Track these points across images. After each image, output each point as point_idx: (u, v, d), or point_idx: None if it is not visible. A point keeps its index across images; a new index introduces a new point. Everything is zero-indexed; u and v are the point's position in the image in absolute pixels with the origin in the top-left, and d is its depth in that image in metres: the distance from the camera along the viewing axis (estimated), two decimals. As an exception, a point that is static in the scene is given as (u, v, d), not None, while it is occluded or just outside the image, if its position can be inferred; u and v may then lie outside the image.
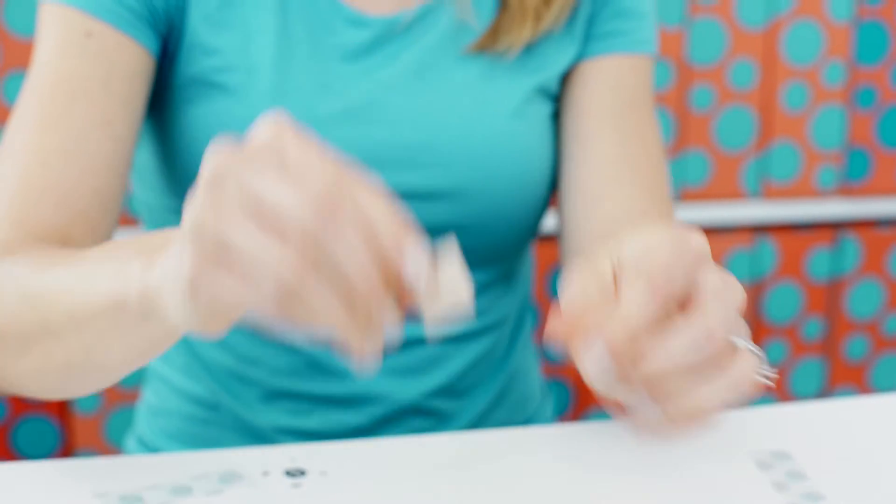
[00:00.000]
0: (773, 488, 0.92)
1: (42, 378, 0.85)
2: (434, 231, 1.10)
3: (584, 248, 1.12)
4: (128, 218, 1.74)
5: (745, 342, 0.72)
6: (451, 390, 1.19)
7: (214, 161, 0.66)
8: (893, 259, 2.26)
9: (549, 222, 1.26)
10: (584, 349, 0.72)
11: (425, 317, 0.66)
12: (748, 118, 2.12)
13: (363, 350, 0.66)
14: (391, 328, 0.67)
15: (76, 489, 0.86)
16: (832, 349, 2.27)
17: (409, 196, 1.09)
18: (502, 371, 1.24)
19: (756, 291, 2.20)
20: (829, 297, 2.25)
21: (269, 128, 0.68)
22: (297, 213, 0.63)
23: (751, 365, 0.73)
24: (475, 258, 1.15)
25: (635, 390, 0.71)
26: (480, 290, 1.18)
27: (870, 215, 2.23)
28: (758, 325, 2.21)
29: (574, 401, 2.15)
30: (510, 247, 1.18)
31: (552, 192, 1.17)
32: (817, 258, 2.21)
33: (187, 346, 1.19)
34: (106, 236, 1.00)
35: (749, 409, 1.23)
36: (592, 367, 0.72)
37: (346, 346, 0.66)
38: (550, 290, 2.08)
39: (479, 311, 1.19)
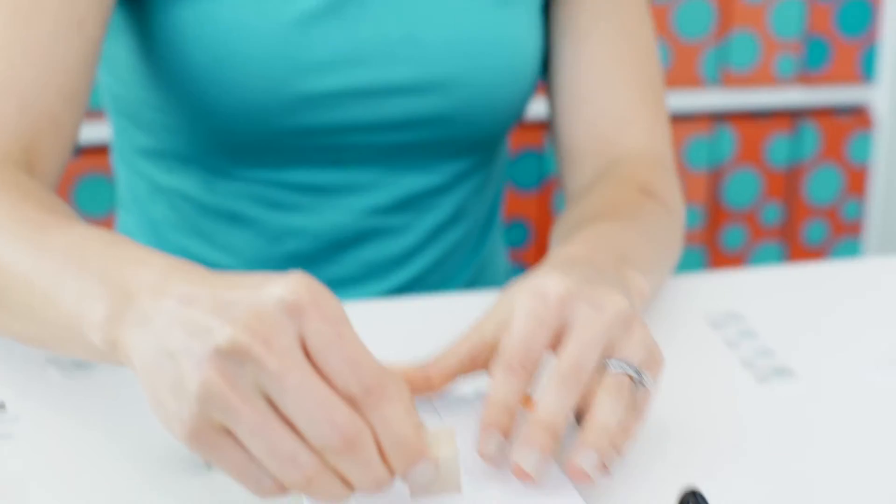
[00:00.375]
0: (725, 346, 0.95)
1: None
2: (420, 124, 1.12)
3: (574, 148, 1.13)
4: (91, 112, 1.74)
5: (617, 364, 0.72)
6: (422, 282, 1.21)
7: (236, 334, 0.61)
8: (851, 146, 2.29)
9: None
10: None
11: (412, 493, 0.66)
12: (707, 7, 2.13)
13: None
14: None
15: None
16: (791, 234, 2.30)
17: (396, 90, 1.09)
18: (473, 261, 1.26)
19: (715, 178, 2.22)
20: (787, 183, 2.28)
21: (300, 296, 0.62)
22: (319, 432, 0.60)
23: (617, 385, 0.72)
24: (458, 148, 1.17)
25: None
26: (461, 179, 1.20)
27: (828, 103, 2.26)
28: (717, 212, 2.24)
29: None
30: (494, 136, 1.19)
31: (538, 79, 1.17)
32: (776, 145, 2.23)
33: None
34: (71, 136, 0.99)
35: (704, 273, 1.26)
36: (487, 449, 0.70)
37: None
38: (514, 174, 2.10)
39: (457, 201, 1.20)
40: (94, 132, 1.81)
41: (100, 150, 1.93)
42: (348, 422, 0.60)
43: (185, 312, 0.63)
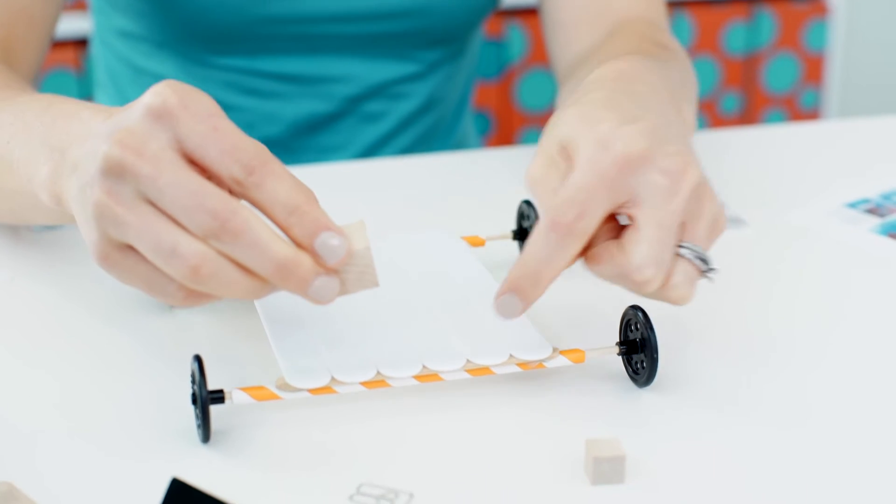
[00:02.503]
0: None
1: None
2: (394, 15, 1.12)
3: (568, 18, 1.09)
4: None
5: (689, 250, 0.66)
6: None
7: (109, 151, 0.61)
8: (809, 33, 2.30)
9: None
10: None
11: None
12: None
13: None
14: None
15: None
16: (749, 122, 2.32)
17: None
18: (445, 148, 1.26)
19: (675, 68, 2.23)
20: (745, 71, 2.29)
21: (165, 99, 0.62)
22: (194, 219, 0.60)
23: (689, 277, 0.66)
24: (432, 38, 1.17)
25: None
26: (434, 68, 1.20)
27: (785, -9, 2.27)
28: (677, 100, 2.26)
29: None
30: (467, 26, 1.20)
31: None
32: (733, 33, 2.25)
33: None
34: (48, 29, 0.99)
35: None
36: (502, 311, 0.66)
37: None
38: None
39: (431, 89, 1.21)
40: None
41: (63, 44, 1.93)
42: (220, 203, 0.60)
43: (88, 148, 0.65)
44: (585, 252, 0.67)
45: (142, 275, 0.62)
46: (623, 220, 0.67)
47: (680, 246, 0.66)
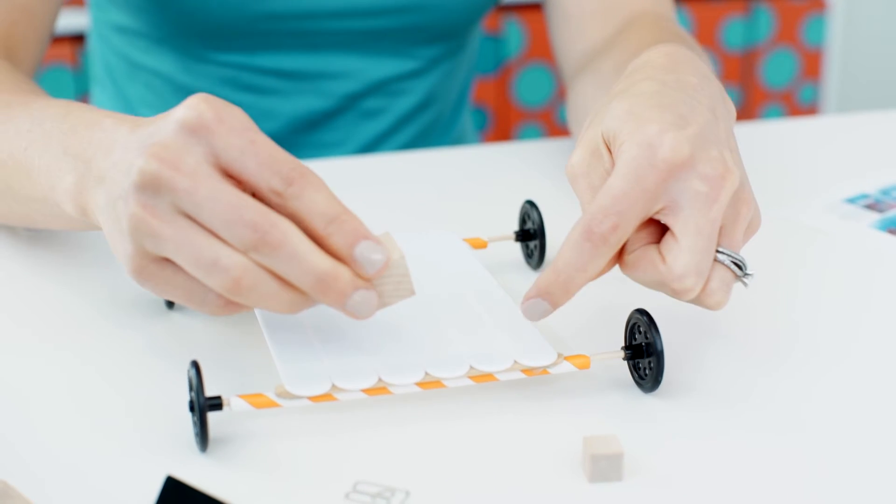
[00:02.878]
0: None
1: None
2: (394, 11, 1.12)
3: (577, 13, 1.09)
4: None
5: (726, 255, 0.66)
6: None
7: (144, 165, 0.61)
8: (807, 29, 2.30)
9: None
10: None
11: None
12: None
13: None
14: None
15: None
16: (748, 118, 2.32)
17: None
18: (443, 144, 1.26)
19: (673, 64, 2.23)
20: (743, 66, 2.29)
21: (200, 113, 0.62)
22: (234, 232, 0.60)
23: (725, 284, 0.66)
24: (432, 35, 1.16)
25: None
26: (433, 64, 1.20)
27: (783, -14, 2.27)
28: (675, 95, 2.25)
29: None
30: (467, 22, 1.19)
31: None
32: (731, 28, 2.24)
33: None
34: (47, 26, 0.99)
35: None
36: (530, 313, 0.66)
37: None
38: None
39: (429, 86, 1.20)
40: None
41: (60, 40, 1.92)
42: (259, 216, 0.60)
43: (119, 160, 0.64)
44: (620, 256, 0.67)
45: (180, 286, 0.62)
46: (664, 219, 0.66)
47: (717, 251, 0.66)
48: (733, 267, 0.66)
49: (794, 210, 0.94)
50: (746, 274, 0.67)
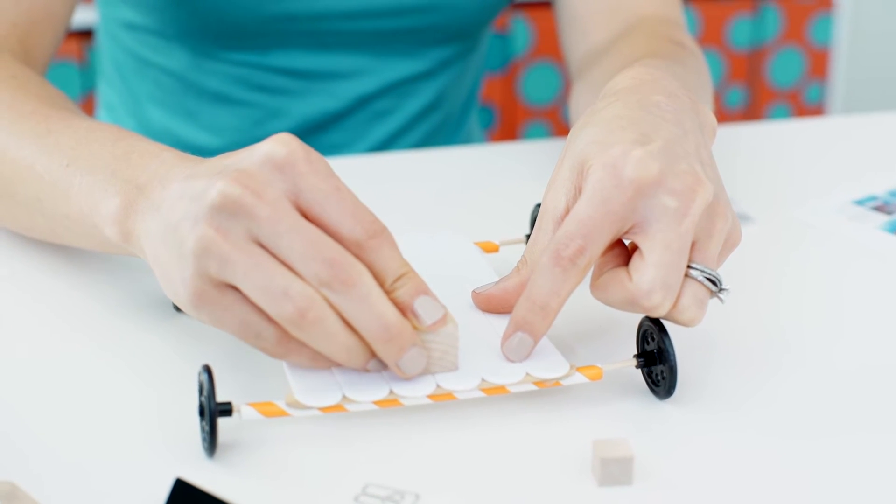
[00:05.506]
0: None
1: (3, 223, 0.85)
2: (406, 11, 1.12)
3: (582, 14, 1.09)
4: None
5: (699, 271, 0.65)
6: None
7: (226, 188, 0.61)
8: (814, 28, 2.29)
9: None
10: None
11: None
12: None
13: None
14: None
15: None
16: (754, 117, 2.31)
17: None
18: (453, 142, 1.26)
19: (680, 62, 2.23)
20: (750, 65, 2.28)
21: (292, 151, 0.62)
22: (312, 268, 0.60)
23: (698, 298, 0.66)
24: (444, 35, 1.16)
25: None
26: (444, 65, 1.19)
27: (790, -15, 2.26)
28: (681, 94, 2.25)
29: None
30: (479, 23, 1.19)
31: None
32: (738, 27, 2.24)
33: None
34: (64, 25, 0.98)
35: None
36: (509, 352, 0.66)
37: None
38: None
39: (440, 87, 1.20)
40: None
41: (66, 36, 1.92)
42: (340, 256, 0.60)
43: (187, 187, 0.64)
44: (594, 278, 0.67)
45: (238, 316, 0.62)
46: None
47: (690, 267, 0.65)
48: (707, 283, 0.66)
49: (802, 211, 0.94)
50: (722, 290, 0.66)
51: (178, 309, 0.76)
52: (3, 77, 0.86)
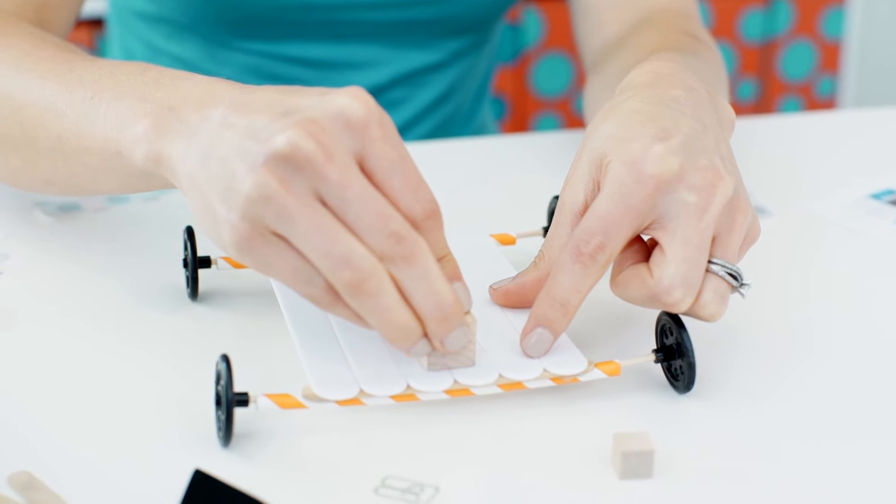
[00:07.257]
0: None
1: (19, 181, 0.83)
2: (421, 2, 1.11)
3: (595, 5, 1.08)
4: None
5: (720, 266, 0.65)
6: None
7: (297, 139, 0.58)
8: (825, 21, 2.29)
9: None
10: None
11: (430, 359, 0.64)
12: None
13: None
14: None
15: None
16: (765, 110, 2.31)
17: None
18: (465, 133, 1.26)
19: (691, 55, 2.22)
20: (762, 58, 2.28)
21: (370, 110, 0.60)
22: (379, 239, 0.59)
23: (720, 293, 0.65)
24: (457, 26, 1.16)
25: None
26: (457, 56, 1.19)
27: (802, -22, 2.26)
28: (693, 87, 2.25)
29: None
30: (493, 14, 1.19)
31: None
32: (750, 19, 2.23)
33: None
34: (78, 6, 0.97)
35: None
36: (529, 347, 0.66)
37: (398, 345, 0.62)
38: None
39: (452, 78, 1.20)
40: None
41: (77, 24, 1.92)
42: (406, 232, 0.59)
43: (238, 117, 0.61)
44: (613, 275, 0.67)
45: (288, 264, 0.59)
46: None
47: (710, 262, 0.65)
48: (728, 278, 0.65)
49: (819, 205, 0.93)
50: (743, 284, 0.66)
51: (193, 297, 0.76)
52: (23, 32, 0.84)
